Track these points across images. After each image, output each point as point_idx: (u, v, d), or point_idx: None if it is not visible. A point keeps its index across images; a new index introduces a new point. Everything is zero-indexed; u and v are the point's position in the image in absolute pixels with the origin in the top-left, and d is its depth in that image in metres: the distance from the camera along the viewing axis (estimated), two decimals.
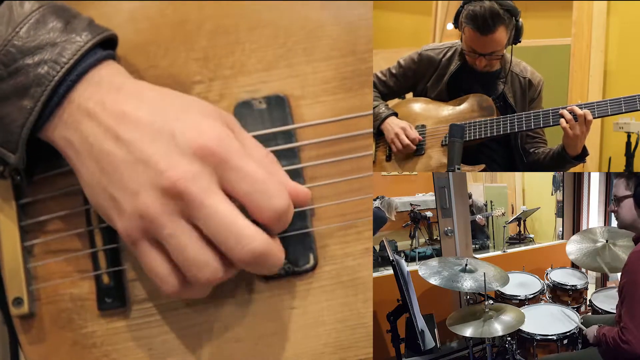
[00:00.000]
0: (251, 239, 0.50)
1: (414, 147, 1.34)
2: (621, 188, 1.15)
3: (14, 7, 0.53)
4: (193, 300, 0.60)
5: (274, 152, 0.58)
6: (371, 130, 0.62)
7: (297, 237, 0.60)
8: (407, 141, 1.33)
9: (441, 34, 2.36)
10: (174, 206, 0.50)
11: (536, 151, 1.38)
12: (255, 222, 0.52)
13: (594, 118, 1.19)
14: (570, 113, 1.19)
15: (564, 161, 1.28)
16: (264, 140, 0.59)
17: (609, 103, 1.18)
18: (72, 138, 0.53)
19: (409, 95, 1.50)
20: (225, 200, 0.51)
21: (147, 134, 0.51)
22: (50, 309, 0.61)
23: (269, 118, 0.60)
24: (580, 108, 1.19)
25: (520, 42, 1.31)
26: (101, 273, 0.60)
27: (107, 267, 0.60)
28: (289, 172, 0.58)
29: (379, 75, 1.46)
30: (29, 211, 0.61)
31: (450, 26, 2.34)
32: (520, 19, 1.28)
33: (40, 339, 0.61)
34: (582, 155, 1.26)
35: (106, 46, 0.57)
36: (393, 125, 1.35)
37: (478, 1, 1.24)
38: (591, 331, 1.17)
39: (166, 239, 0.51)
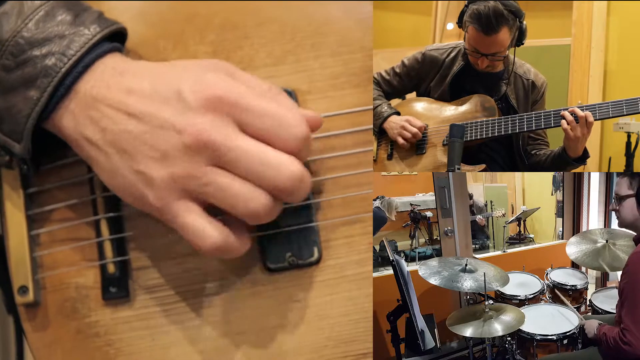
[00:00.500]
0: (287, 165, 0.51)
1: (421, 135, 1.34)
2: (624, 187, 1.15)
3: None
4: (197, 292, 0.60)
5: None
6: (371, 126, 0.62)
7: (301, 230, 0.60)
8: (414, 129, 1.33)
9: (441, 34, 2.36)
10: (203, 159, 0.51)
11: (538, 153, 1.38)
12: None
13: (595, 120, 1.19)
14: (571, 114, 1.19)
15: (565, 163, 1.28)
16: None
17: (611, 105, 1.18)
18: (84, 128, 0.53)
19: (410, 96, 1.51)
20: (249, 138, 0.52)
21: (155, 101, 0.51)
22: (55, 298, 0.61)
23: None
24: (581, 110, 1.19)
25: (523, 44, 1.31)
26: (106, 262, 0.60)
27: (112, 256, 0.60)
28: None
29: (383, 74, 1.46)
30: (36, 200, 0.61)
31: (450, 26, 2.35)
32: (524, 21, 1.28)
33: (44, 327, 0.61)
34: (583, 157, 1.26)
35: (115, 39, 0.57)
36: (396, 121, 1.36)
37: (482, 1, 1.25)
38: (591, 326, 1.17)
39: (205, 188, 0.51)
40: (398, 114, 1.39)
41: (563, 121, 1.20)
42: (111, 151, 0.52)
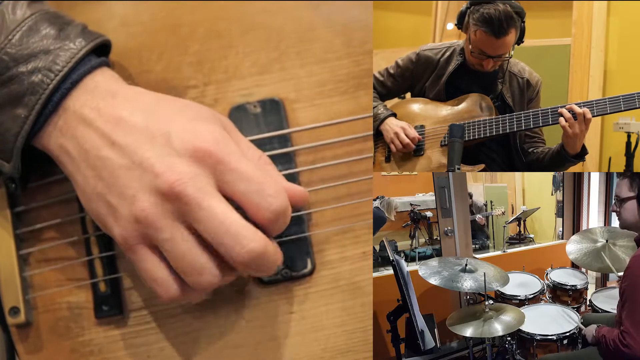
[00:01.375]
0: (249, 239, 0.50)
1: (414, 147, 1.33)
2: (624, 189, 1.14)
3: (6, 14, 0.53)
4: (191, 307, 0.60)
5: (270, 156, 0.58)
6: (371, 132, 0.61)
7: (294, 242, 0.59)
8: (407, 140, 1.32)
9: (441, 34, 2.35)
10: (172, 209, 0.50)
11: (535, 151, 1.38)
12: (253, 225, 0.52)
13: (593, 116, 1.19)
14: (569, 111, 1.19)
15: (564, 160, 1.27)
16: (259, 144, 0.58)
17: (608, 101, 1.18)
18: (68, 146, 0.52)
19: (408, 95, 1.50)
20: (222, 201, 0.50)
21: (142, 137, 0.50)
22: (47, 318, 0.60)
23: (264, 122, 0.60)
24: (579, 106, 1.19)
25: (523, 42, 1.31)
26: (98, 281, 0.60)
27: (103, 274, 0.60)
28: (284, 176, 0.57)
29: (377, 75, 1.45)
30: (24, 219, 0.61)
31: (450, 26, 2.34)
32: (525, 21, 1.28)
33: (37, 348, 0.61)
34: (582, 154, 1.25)
35: (100, 51, 0.56)
36: (392, 126, 1.35)
37: (490, 4, 1.24)
38: (590, 331, 1.17)
39: (164, 243, 0.50)
40: (395, 115, 1.38)
41: (561, 118, 1.20)
42: (90, 174, 0.52)
